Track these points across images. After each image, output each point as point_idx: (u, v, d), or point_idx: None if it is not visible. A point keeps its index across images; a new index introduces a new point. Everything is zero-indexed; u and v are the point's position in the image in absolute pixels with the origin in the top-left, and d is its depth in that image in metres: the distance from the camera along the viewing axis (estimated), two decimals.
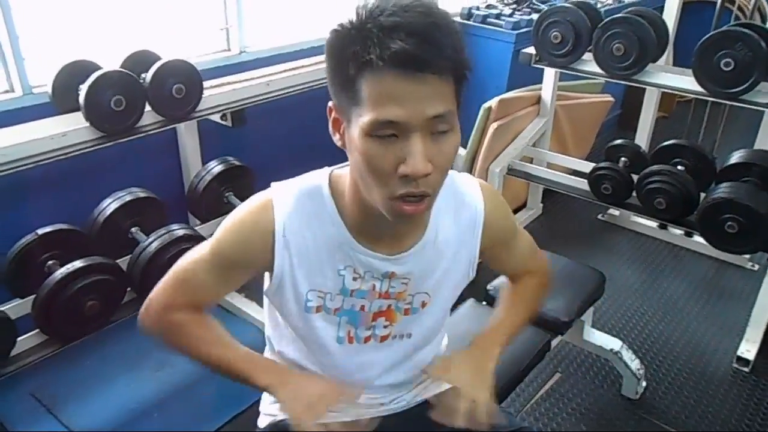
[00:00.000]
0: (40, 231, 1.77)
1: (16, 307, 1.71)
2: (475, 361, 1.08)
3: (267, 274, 1.02)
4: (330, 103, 0.88)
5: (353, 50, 0.78)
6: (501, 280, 1.93)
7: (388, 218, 0.86)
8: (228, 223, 1.00)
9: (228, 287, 1.05)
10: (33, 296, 1.66)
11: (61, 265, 1.70)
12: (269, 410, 1.22)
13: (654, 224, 3.14)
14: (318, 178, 0.98)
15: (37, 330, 1.68)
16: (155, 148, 2.25)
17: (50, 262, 1.78)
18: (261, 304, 2.39)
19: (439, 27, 0.78)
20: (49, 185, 2.02)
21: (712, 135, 3.18)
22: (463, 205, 1.02)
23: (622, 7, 3.65)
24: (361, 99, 0.79)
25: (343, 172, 0.96)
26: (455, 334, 1.44)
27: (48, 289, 1.59)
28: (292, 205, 0.96)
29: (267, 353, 1.22)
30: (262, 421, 1.23)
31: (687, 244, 3.06)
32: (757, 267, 2.84)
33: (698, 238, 2.97)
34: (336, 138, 0.89)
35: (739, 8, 3.70)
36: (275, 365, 1.09)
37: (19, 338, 1.63)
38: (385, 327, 1.05)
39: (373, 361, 1.08)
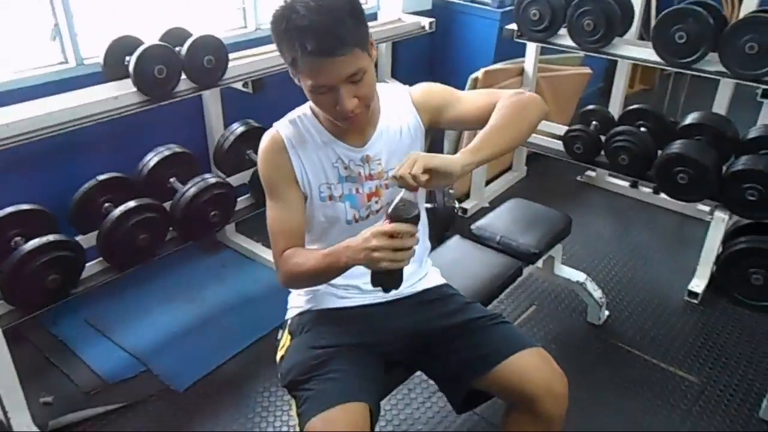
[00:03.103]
0: (100, 177, 2.13)
1: (85, 240, 2.07)
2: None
3: None
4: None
5: (287, 45, 1.18)
6: (486, 219, 2.30)
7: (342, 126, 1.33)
8: (259, 159, 1.41)
9: (294, 210, 1.38)
10: (97, 231, 2.01)
11: (115, 208, 2.05)
12: (295, 303, 1.58)
13: (626, 183, 3.49)
14: (301, 108, 1.42)
15: (100, 258, 2.04)
16: (184, 111, 2.59)
17: (106, 204, 2.14)
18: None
19: (338, 19, 1.15)
20: (99, 142, 2.37)
21: (677, 102, 3.52)
22: (396, 98, 1.45)
23: None
24: (300, 71, 1.22)
25: None
26: (442, 263, 1.80)
27: (110, 223, 1.95)
28: (290, 128, 1.39)
29: None
30: (290, 313, 1.60)
31: (655, 200, 3.41)
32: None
33: (664, 195, 3.32)
34: (296, 80, 1.29)
35: None
36: (337, 250, 1.24)
37: (87, 264, 2.00)
38: (376, 203, 1.43)
39: None
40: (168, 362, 2.26)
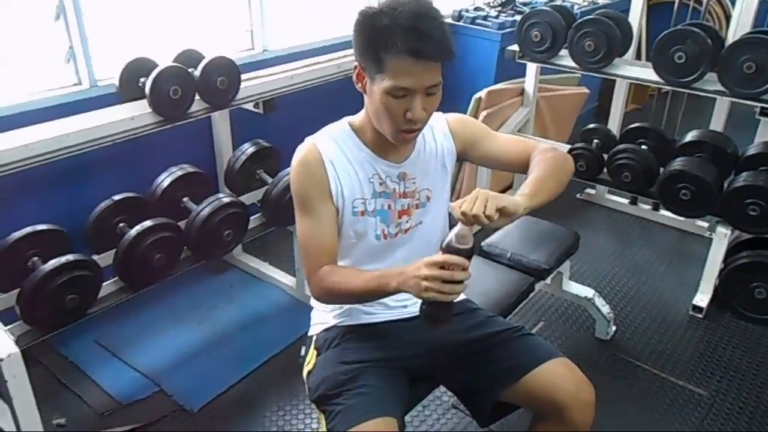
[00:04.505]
0: (115, 197, 2.14)
1: (100, 259, 2.07)
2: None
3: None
4: (356, 63, 1.30)
5: (383, 40, 1.23)
6: (495, 236, 2.33)
7: (394, 143, 1.35)
8: (294, 172, 1.41)
9: (328, 225, 1.38)
10: (112, 250, 2.02)
11: (129, 227, 2.07)
12: (321, 319, 1.59)
13: (625, 201, 3.55)
14: (340, 123, 1.44)
15: (115, 278, 2.04)
16: (193, 131, 2.60)
17: (121, 224, 2.15)
18: (284, 270, 2.77)
19: (439, 29, 1.24)
20: (112, 162, 2.38)
21: (673, 120, 3.60)
22: (435, 125, 1.49)
23: (595, 8, 4.06)
24: (386, 70, 1.23)
25: (355, 117, 1.43)
26: None
27: (128, 242, 1.96)
28: (328, 143, 1.40)
29: None
30: (314, 330, 1.60)
31: (654, 217, 3.47)
32: (713, 235, 3.25)
33: (664, 212, 3.39)
34: (358, 86, 1.34)
35: (697, 1, 4.07)
36: (389, 273, 1.27)
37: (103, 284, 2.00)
38: (407, 222, 1.46)
39: (402, 251, 1.47)
40: (181, 382, 2.25)
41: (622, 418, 2.15)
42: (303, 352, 1.62)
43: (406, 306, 1.54)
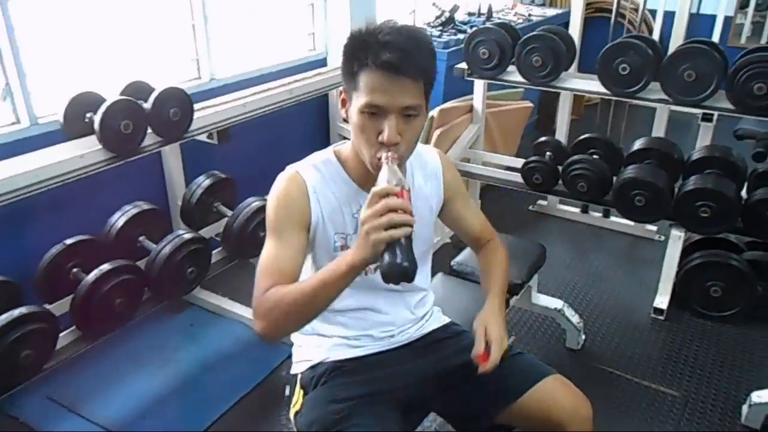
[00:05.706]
0: (68, 241, 2.00)
1: (55, 309, 1.92)
2: (495, 318, 1.46)
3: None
4: (341, 88, 1.26)
5: (358, 55, 1.18)
6: (463, 255, 2.32)
7: (372, 172, 1.20)
8: (273, 198, 1.32)
9: (294, 252, 1.27)
10: (67, 298, 1.88)
11: (84, 272, 1.94)
12: (304, 356, 1.51)
13: (576, 210, 3.63)
14: (325, 153, 1.37)
15: (72, 328, 1.90)
16: (144, 166, 2.48)
17: (74, 270, 2.01)
18: (245, 304, 2.67)
19: (418, 47, 1.19)
20: (60, 204, 2.23)
21: (617, 130, 3.72)
22: (427, 162, 1.44)
23: (532, 24, 4.18)
24: (360, 87, 1.18)
25: (342, 147, 1.36)
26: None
27: (85, 288, 1.83)
28: (314, 173, 1.33)
29: None
30: (298, 368, 1.53)
31: (605, 224, 3.56)
32: (663, 238, 3.36)
33: (614, 218, 3.49)
34: (342, 113, 1.28)
35: (629, 22, 4.32)
36: (341, 260, 1.14)
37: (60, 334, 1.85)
38: None
39: (382, 287, 1.31)
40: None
41: (604, 426, 2.16)
42: (288, 391, 1.54)
43: (393, 335, 1.49)
